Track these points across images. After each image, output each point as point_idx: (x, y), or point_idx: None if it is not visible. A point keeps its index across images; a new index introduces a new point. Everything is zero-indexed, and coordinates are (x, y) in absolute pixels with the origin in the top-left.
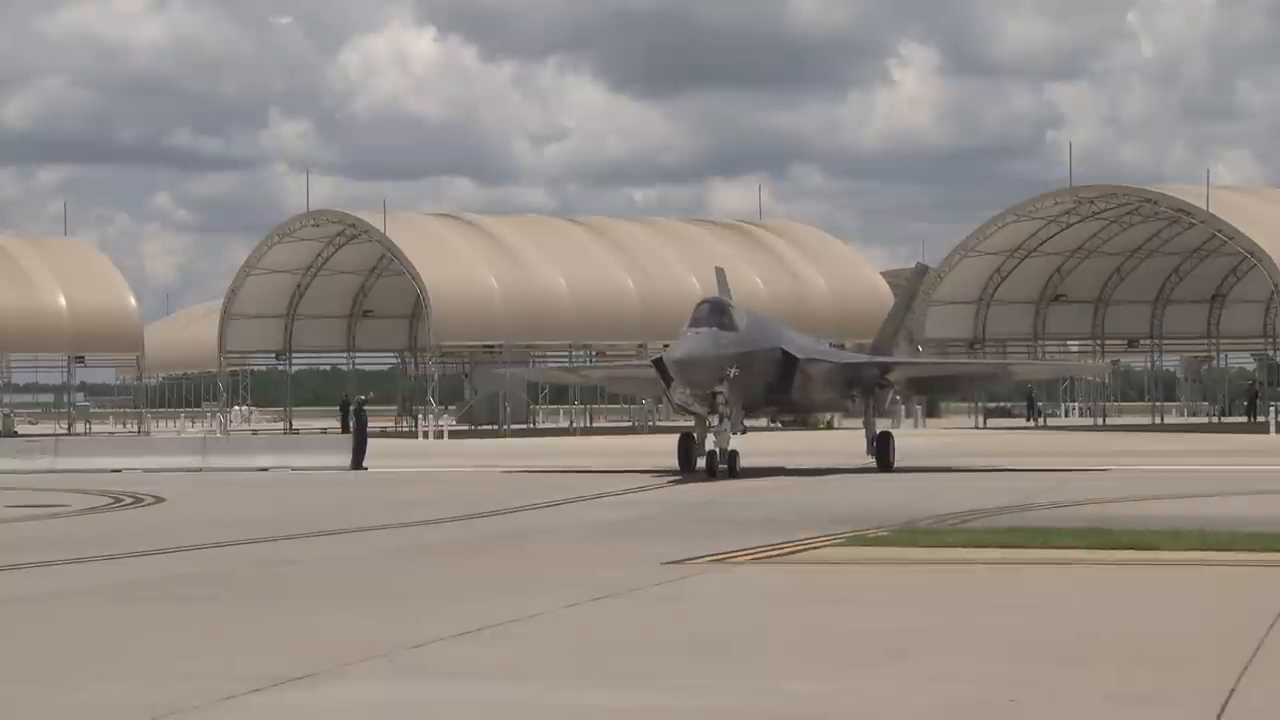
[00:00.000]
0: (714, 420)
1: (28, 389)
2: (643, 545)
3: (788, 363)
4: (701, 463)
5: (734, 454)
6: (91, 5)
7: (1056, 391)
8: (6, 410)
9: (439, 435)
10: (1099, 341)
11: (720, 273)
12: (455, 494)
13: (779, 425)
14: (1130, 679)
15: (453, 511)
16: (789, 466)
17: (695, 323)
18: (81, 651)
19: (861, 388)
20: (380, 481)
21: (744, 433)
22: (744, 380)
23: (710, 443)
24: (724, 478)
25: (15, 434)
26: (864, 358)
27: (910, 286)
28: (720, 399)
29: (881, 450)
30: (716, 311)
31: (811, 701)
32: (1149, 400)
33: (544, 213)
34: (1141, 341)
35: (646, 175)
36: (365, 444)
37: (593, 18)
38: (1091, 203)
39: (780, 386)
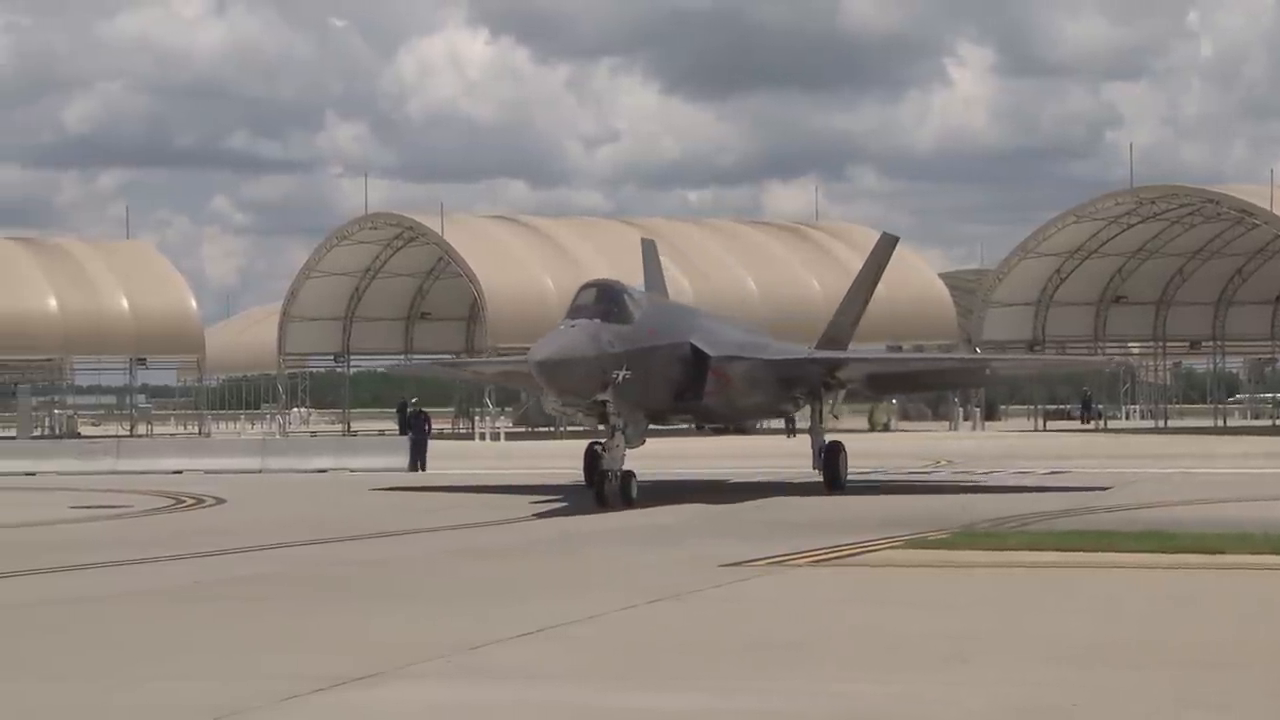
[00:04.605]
0: (606, 431)
1: (90, 391)
2: (699, 547)
3: (699, 361)
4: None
5: (628, 475)
6: (150, 10)
7: (1117, 393)
8: (70, 412)
9: (495, 437)
10: (1160, 343)
11: (649, 245)
12: (509, 496)
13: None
14: (1193, 684)
15: (506, 514)
16: (729, 483)
17: (574, 313)
18: (145, 651)
19: (805, 389)
20: (436, 482)
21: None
22: (640, 384)
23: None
24: (616, 505)
25: (79, 435)
26: (802, 353)
27: (875, 260)
28: (609, 408)
29: (830, 463)
30: (604, 298)
31: (872, 704)
32: (1211, 402)
33: (598, 214)
34: (1204, 343)
35: (700, 177)
36: (425, 446)
37: (646, 19)
38: (1153, 203)
39: (691, 390)
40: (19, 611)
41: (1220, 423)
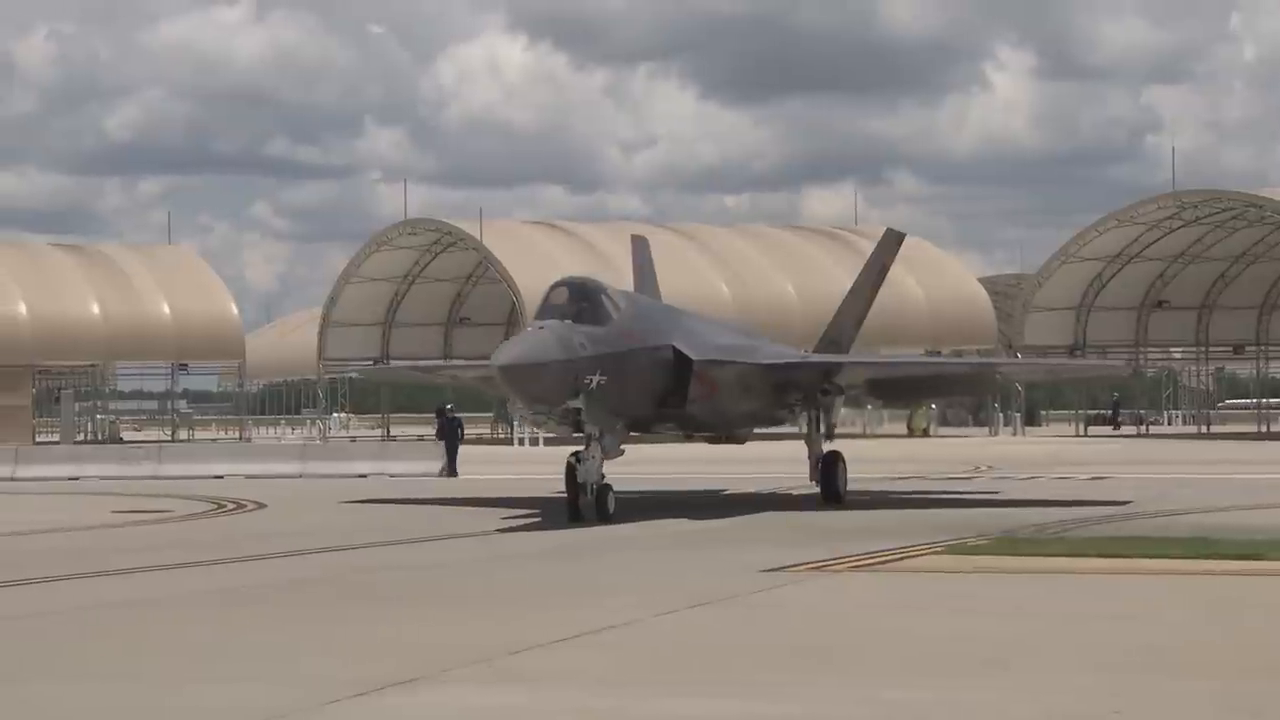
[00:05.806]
0: (581, 441)
1: (132, 396)
2: (738, 553)
3: (681, 365)
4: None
5: (605, 489)
6: (191, 18)
7: (1159, 399)
8: (112, 417)
9: (533, 442)
10: (1203, 348)
11: (640, 242)
12: (550, 501)
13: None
14: (1237, 691)
15: (546, 519)
16: (719, 495)
17: (543, 313)
18: (185, 655)
19: (800, 394)
20: (471, 488)
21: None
22: (617, 390)
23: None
24: (591, 520)
25: (121, 440)
26: (795, 356)
27: (879, 257)
28: (582, 416)
29: (828, 476)
30: (576, 297)
31: (912, 711)
32: (1255, 407)
33: (635, 219)
34: (1247, 348)
35: (738, 182)
36: (456, 451)
37: (683, 25)
38: (1195, 208)
39: (674, 397)
40: (67, 615)
41: (1264, 428)
